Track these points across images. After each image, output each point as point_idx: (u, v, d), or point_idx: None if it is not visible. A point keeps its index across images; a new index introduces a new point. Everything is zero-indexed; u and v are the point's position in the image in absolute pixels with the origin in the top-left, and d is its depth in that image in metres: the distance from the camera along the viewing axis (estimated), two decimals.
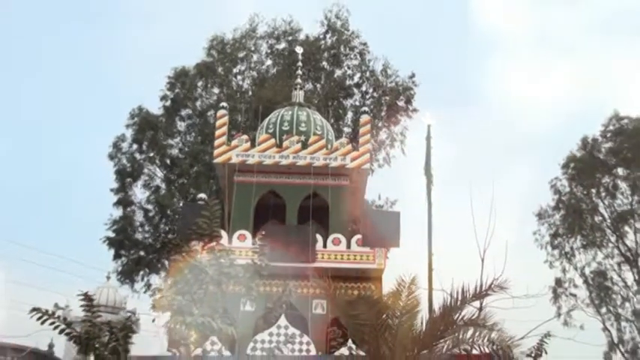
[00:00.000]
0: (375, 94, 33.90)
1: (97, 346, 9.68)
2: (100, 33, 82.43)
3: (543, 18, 78.58)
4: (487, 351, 11.48)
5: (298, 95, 24.61)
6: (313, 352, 17.33)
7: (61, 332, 9.78)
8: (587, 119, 70.55)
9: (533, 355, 11.52)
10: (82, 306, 9.95)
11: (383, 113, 33.19)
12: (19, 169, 75.93)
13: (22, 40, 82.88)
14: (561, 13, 79.92)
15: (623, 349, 34.91)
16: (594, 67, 76.60)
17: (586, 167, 36.75)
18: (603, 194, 37.07)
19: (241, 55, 34.58)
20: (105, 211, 33.33)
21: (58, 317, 9.56)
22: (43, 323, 9.59)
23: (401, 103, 33.46)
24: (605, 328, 35.53)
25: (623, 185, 36.85)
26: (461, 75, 77.89)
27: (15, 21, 78.83)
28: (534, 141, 73.89)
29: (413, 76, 33.65)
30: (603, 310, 35.98)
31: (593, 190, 37.13)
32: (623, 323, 35.58)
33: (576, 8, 76.68)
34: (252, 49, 34.99)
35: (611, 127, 36.99)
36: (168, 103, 33.43)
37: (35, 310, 9.51)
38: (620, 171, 36.76)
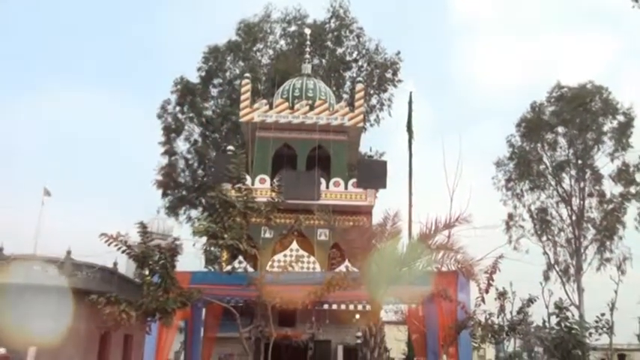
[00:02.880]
0: (368, 68, 33.58)
1: (150, 263, 9.78)
2: (151, 17, 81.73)
3: (508, 5, 77.48)
4: (454, 269, 11.59)
5: (307, 68, 24.44)
6: (318, 269, 17.55)
7: (123, 252, 9.88)
8: (536, 88, 70.17)
9: (489, 272, 11.58)
10: (138, 232, 10.03)
11: (374, 83, 32.98)
12: (94, 126, 76.06)
13: (91, 19, 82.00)
14: (524, 2, 78.80)
15: (557, 268, 35.24)
16: (544, 47, 75.82)
17: (534, 126, 36.59)
18: (546, 148, 36.94)
19: (260, 35, 34.23)
20: (154, 160, 33.54)
21: (121, 241, 9.63)
22: (109, 245, 9.69)
23: (388, 75, 33.23)
24: (545, 253, 35.82)
25: (562, 141, 36.71)
26: (438, 51, 77.16)
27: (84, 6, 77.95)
28: (495, 106, 73.56)
29: (399, 53, 33.37)
30: (544, 238, 36.21)
31: (539, 145, 36.99)
32: (559, 248, 35.88)
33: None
34: (268, 31, 34.62)
35: (554, 94, 36.71)
36: (203, 73, 33.18)
37: (103, 235, 9.58)
38: (560, 129, 36.55)
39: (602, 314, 25.58)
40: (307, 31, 28.05)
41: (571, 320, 23.65)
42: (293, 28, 34.33)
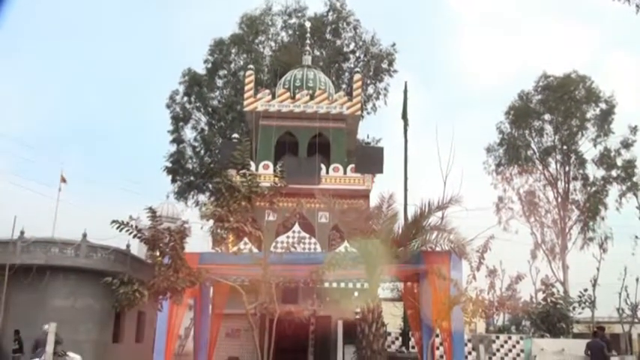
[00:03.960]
0: (365, 59, 33.40)
1: (160, 245, 9.76)
2: (161, 13, 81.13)
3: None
4: (447, 248, 11.57)
5: (307, 59, 24.25)
6: (318, 250, 17.54)
7: (134, 236, 9.86)
8: (524, 78, 69.86)
9: (480, 251, 11.57)
10: (148, 216, 9.99)
11: (371, 73, 32.82)
12: (106, 115, 75.85)
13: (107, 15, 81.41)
14: None
15: (544, 247, 35.34)
16: (531, 39, 75.39)
17: (522, 114, 36.51)
18: (534, 134, 36.92)
19: (262, 28, 34.00)
20: (164, 148, 33.49)
21: (132, 226, 9.59)
22: (121, 230, 9.66)
23: (384, 66, 33.06)
24: (532, 233, 35.91)
25: (548, 127, 36.66)
26: (432, 43, 76.70)
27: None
28: (486, 95, 73.26)
29: (394, 44, 33.19)
30: (532, 219, 36.30)
31: (527, 131, 36.97)
32: (545, 229, 35.98)
33: None
34: (270, 23, 34.38)
35: (540, 84, 36.60)
36: (209, 65, 33.04)
37: (115, 221, 9.55)
38: (546, 117, 36.51)
39: (585, 290, 25.72)
40: (307, 24, 27.86)
41: (556, 296, 23.79)
42: (293, 20, 34.09)
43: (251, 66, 23.57)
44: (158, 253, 9.76)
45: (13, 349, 20.02)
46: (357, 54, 33.72)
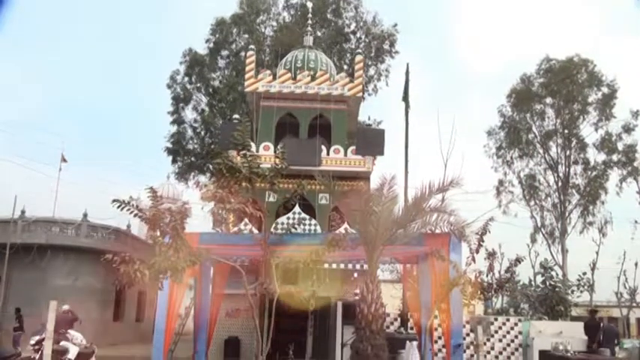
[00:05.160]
0: (366, 40, 33.22)
1: (161, 225, 9.77)
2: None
3: None
4: (446, 230, 11.60)
5: (308, 40, 24.08)
6: (319, 231, 17.59)
7: (135, 216, 9.86)
8: (527, 62, 69.46)
9: (479, 234, 11.61)
10: (149, 196, 9.99)
11: (372, 54, 32.65)
12: (112, 95, 75.62)
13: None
14: None
15: (543, 231, 35.47)
16: (534, 22, 74.82)
17: (523, 97, 36.45)
18: (535, 117, 36.86)
19: (263, 7, 33.75)
20: (164, 128, 33.47)
21: (132, 205, 9.58)
22: (122, 210, 9.65)
23: (386, 46, 32.88)
24: (532, 216, 36.08)
25: (549, 111, 36.62)
26: (434, 25, 76.18)
27: None
28: (488, 78, 72.94)
29: (395, 25, 33.01)
30: (532, 203, 36.41)
31: (528, 114, 36.90)
32: (545, 213, 36.10)
33: None
34: (271, 3, 34.12)
35: (542, 67, 36.46)
36: (211, 45, 32.86)
37: (115, 200, 9.54)
38: (548, 100, 36.44)
39: (584, 273, 25.89)
40: (309, 4, 27.62)
41: (555, 279, 23.95)
42: (295, 0, 33.83)
43: (252, 46, 23.42)
44: (159, 233, 9.77)
45: (14, 327, 20.21)
46: (359, 34, 33.55)
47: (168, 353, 12.99)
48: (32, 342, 11.79)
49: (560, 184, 35.57)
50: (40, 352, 10.93)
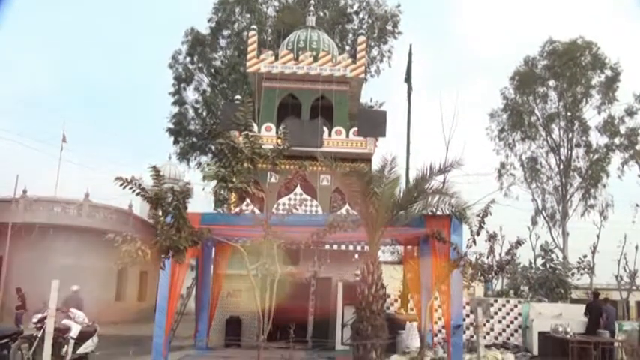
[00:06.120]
0: (369, 20, 32.98)
1: (163, 205, 9.76)
2: None
3: None
4: (448, 212, 11.61)
5: (311, 20, 23.90)
6: (320, 212, 17.64)
7: (137, 195, 9.83)
8: (530, 43, 68.98)
9: (481, 216, 11.61)
10: (152, 176, 9.97)
11: (375, 35, 32.42)
12: (112, 77, 75.30)
13: None
14: None
15: (544, 214, 35.51)
16: (538, 4, 74.08)
17: (526, 79, 36.26)
18: (538, 100, 36.69)
19: None
20: (165, 109, 33.40)
21: (135, 184, 9.57)
22: (124, 188, 9.62)
23: (389, 27, 32.66)
24: (534, 199, 36.09)
25: (552, 93, 36.45)
26: (438, 6, 75.50)
27: None
28: (491, 60, 72.51)
29: (399, 5, 32.78)
30: (533, 185, 36.42)
31: (531, 97, 36.74)
32: (546, 195, 36.11)
33: None
34: None
35: (546, 49, 36.19)
36: (213, 25, 32.66)
37: (119, 178, 9.52)
38: (551, 82, 36.25)
39: (584, 256, 25.91)
40: None
41: (555, 261, 24.02)
42: None
43: (254, 26, 23.26)
44: (161, 213, 9.76)
45: (16, 305, 20.37)
46: (361, 15, 33.33)
47: (170, 332, 13.11)
48: (34, 320, 11.86)
49: (561, 167, 35.53)
50: (42, 329, 10.99)
